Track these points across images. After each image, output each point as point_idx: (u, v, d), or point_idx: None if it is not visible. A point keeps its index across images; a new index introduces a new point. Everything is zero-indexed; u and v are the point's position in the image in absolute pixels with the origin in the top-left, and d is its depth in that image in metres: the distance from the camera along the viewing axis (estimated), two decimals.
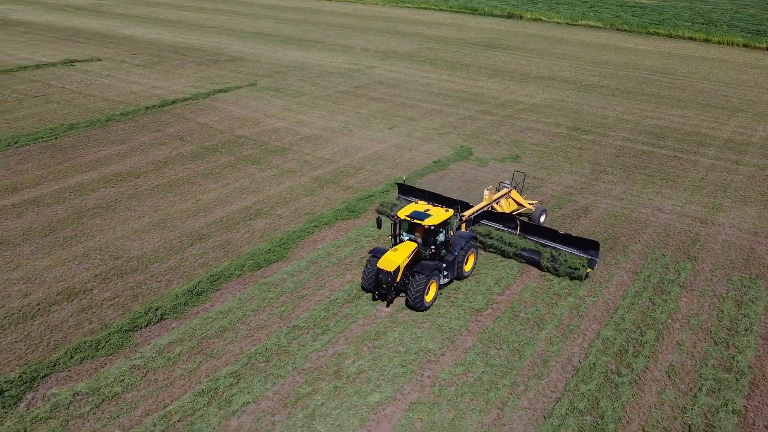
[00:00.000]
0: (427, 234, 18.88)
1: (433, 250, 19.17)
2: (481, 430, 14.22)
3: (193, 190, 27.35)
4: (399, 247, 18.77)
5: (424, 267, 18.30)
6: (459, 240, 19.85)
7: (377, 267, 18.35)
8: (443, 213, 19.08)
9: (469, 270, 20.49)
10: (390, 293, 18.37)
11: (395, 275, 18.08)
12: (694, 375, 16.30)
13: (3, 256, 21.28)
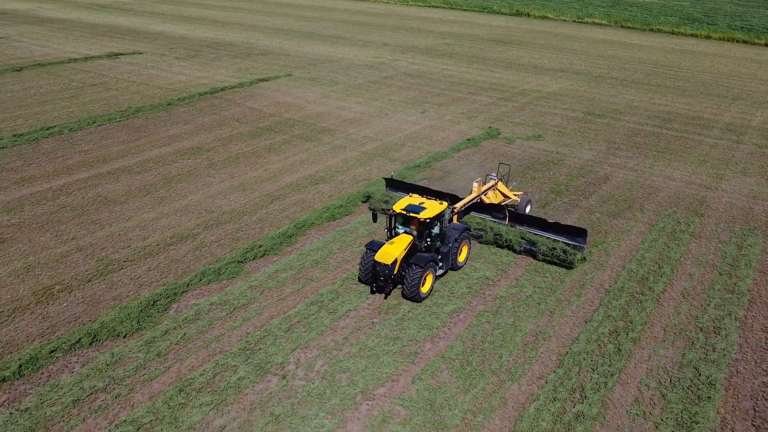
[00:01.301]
0: (422, 227, 19.14)
1: (428, 242, 19.39)
2: (536, 329, 18.08)
3: (259, 161, 31.16)
4: (395, 240, 19.07)
5: (420, 259, 18.58)
6: (452, 232, 20.32)
7: (374, 260, 18.63)
8: (437, 206, 19.37)
9: (463, 261, 20.93)
10: (387, 285, 18.75)
11: (392, 268, 18.39)
12: (703, 295, 20.17)
13: (114, 210, 25.12)
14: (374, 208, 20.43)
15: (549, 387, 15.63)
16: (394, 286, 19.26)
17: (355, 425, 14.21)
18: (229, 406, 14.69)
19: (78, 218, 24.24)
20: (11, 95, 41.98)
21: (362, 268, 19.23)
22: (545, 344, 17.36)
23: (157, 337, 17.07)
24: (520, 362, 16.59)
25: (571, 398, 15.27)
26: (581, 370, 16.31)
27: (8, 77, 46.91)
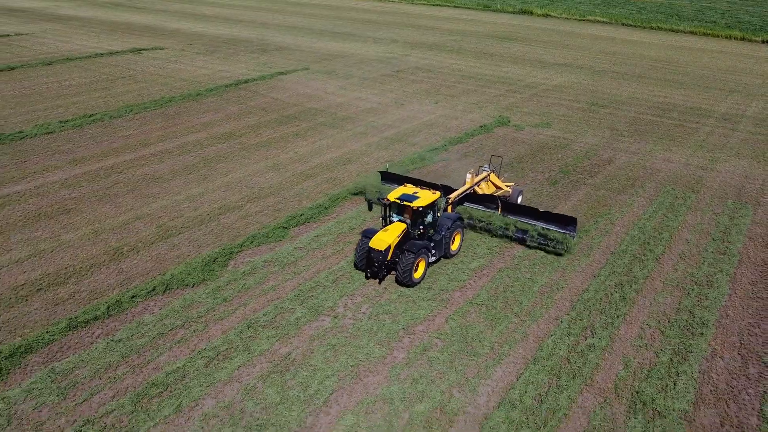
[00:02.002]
0: (415, 215, 19.85)
1: (422, 230, 20.12)
2: (551, 282, 20.63)
3: (288, 145, 33.70)
4: (389, 228, 19.73)
5: (413, 246, 19.24)
6: (445, 221, 20.92)
7: (369, 246, 19.29)
8: (431, 195, 20.10)
9: (456, 249, 21.58)
10: (381, 271, 19.39)
11: (386, 254, 19.08)
12: (698, 256, 22.72)
13: (162, 186, 27.67)
14: (370, 198, 21.25)
15: (563, 325, 18.18)
16: (388, 272, 19.86)
17: (400, 353, 16.77)
18: (291, 338, 17.24)
19: (131, 193, 26.79)
20: (47, 87, 44.50)
21: (357, 255, 19.92)
22: (559, 293, 19.92)
23: (221, 287, 19.62)
24: (538, 307, 19.15)
25: (583, 334, 17.83)
26: (591, 313, 18.87)
27: (40, 70, 49.42)
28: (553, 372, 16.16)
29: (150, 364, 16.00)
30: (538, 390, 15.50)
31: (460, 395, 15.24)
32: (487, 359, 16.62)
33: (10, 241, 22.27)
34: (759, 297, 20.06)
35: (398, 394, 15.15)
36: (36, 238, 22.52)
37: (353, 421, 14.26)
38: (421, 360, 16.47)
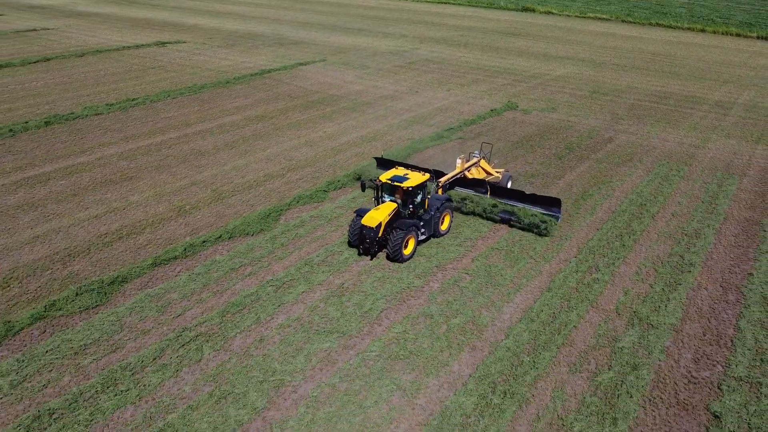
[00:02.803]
0: (405, 195, 20.78)
1: (411, 209, 21.02)
2: (561, 234, 23.82)
3: (316, 126, 36.89)
4: (380, 207, 20.79)
5: (403, 224, 20.33)
6: (435, 202, 21.98)
7: (361, 224, 20.42)
8: (420, 176, 21.10)
9: (445, 229, 22.66)
10: (373, 247, 20.49)
11: (377, 230, 20.19)
12: (688, 215, 25.93)
13: (210, 158, 30.85)
14: (363, 180, 23.23)
15: (572, 265, 21.41)
16: (380, 249, 20.94)
17: (435, 283, 19.99)
18: (343, 272, 20.45)
19: (183, 164, 30.00)
20: (85, 75, 47.68)
21: (351, 232, 20.94)
22: (567, 242, 23.14)
23: (277, 235, 22.84)
24: (550, 251, 22.37)
25: (589, 271, 21.05)
26: (595, 256, 22.10)
27: (74, 61, 52.61)
28: (564, 298, 19.38)
29: (228, 291, 19.22)
30: (552, 310, 18.72)
31: (487, 313, 18.47)
32: (509, 288, 19.84)
33: (86, 201, 25.48)
34: (740, 246, 23.29)
35: (437, 312, 18.37)
36: (107, 199, 25.72)
37: (402, 329, 17.48)
38: (454, 289, 19.69)
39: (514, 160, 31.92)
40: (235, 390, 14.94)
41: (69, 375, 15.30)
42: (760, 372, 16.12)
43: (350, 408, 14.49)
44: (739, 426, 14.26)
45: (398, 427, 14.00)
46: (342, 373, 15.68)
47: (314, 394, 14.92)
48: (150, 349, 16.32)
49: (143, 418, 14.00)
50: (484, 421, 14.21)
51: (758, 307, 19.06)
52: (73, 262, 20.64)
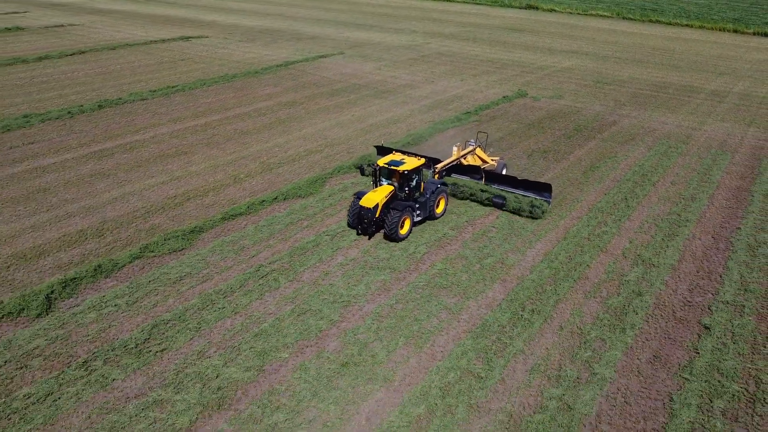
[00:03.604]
0: (402, 178, 21.97)
1: (407, 191, 22.12)
2: (572, 197, 27.12)
3: (344, 111, 40.16)
4: (378, 189, 21.97)
5: (399, 205, 21.50)
6: (430, 185, 23.16)
7: (359, 205, 21.56)
8: (416, 161, 22.30)
9: (441, 212, 23.85)
10: (371, 227, 21.66)
11: (374, 211, 21.32)
12: (685, 183, 29.17)
13: (252, 137, 34.11)
14: (361, 165, 24.58)
15: (583, 221, 24.70)
16: (377, 229, 22.19)
17: (468, 234, 23.27)
18: None
19: (229, 141, 33.28)
20: (121, 67, 50.95)
21: (350, 214, 22.16)
22: (579, 203, 26.44)
23: (325, 197, 26.12)
24: (564, 211, 25.65)
25: (598, 225, 24.35)
26: (604, 214, 25.39)
27: (107, 54, 55.88)
28: (578, 245, 22.69)
29: (291, 239, 22.51)
30: (569, 253, 22.03)
31: (513, 256, 21.78)
32: (530, 238, 23.15)
33: (150, 171, 28.77)
34: (730, 207, 26.61)
35: (470, 254, 21.68)
36: (169, 169, 29.02)
37: (443, 267, 20.78)
38: (483, 238, 22.99)
39: (528, 139, 35.22)
40: (311, 308, 18.24)
41: (173, 298, 18.60)
42: (743, 298, 19.43)
43: (407, 321, 17.79)
44: (724, 333, 17.57)
45: (448, 333, 17.30)
46: (397, 297, 18.98)
47: (377, 311, 18.21)
48: (235, 279, 19.61)
49: (241, 326, 17.30)
50: (517, 330, 17.51)
51: (744, 253, 22.37)
52: (152, 217, 23.93)
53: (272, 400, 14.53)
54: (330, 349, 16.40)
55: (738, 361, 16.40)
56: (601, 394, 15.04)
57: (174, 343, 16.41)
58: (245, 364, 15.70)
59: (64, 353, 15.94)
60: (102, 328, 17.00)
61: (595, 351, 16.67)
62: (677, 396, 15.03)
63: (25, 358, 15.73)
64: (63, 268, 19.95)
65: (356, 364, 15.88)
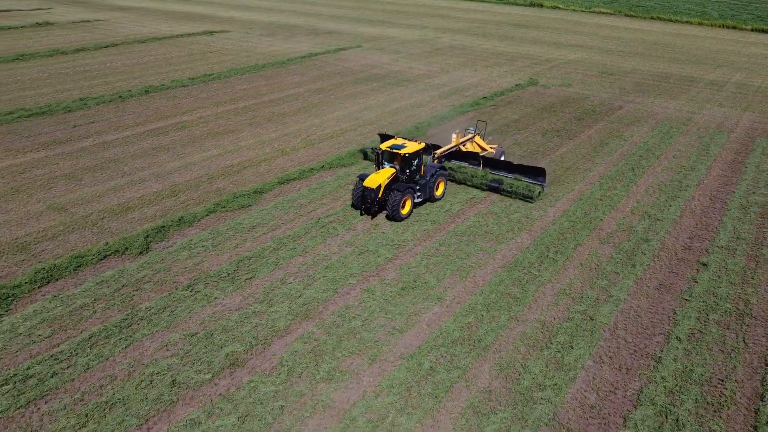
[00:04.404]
0: (403, 161, 23.18)
1: (408, 174, 23.33)
2: (584, 167, 30.40)
3: (369, 97, 43.40)
4: (381, 172, 23.14)
5: (400, 186, 22.66)
6: (430, 169, 24.34)
7: (363, 185, 22.66)
8: (416, 145, 23.43)
9: (440, 194, 25.03)
10: (374, 206, 22.73)
11: (377, 191, 22.49)
12: (686, 157, 32.46)
13: (290, 119, 37.35)
14: (365, 149, 25.84)
15: (595, 186, 27.97)
16: (380, 209, 23.40)
17: (494, 196, 26.52)
18: None
19: (270, 122, 36.54)
20: (154, 58, 54.20)
21: (354, 195, 23.26)
22: (591, 172, 29.70)
23: (366, 166, 29.35)
24: (578, 178, 28.93)
25: (609, 189, 27.61)
26: (613, 181, 28.68)
27: (138, 47, 59.12)
28: (591, 204, 25.97)
29: (341, 198, 25.73)
30: (584, 210, 25.31)
31: (536, 212, 25.05)
32: (550, 199, 26.40)
33: (204, 145, 32.04)
34: (726, 176, 29.89)
35: (499, 211, 24.92)
36: (221, 144, 32.29)
37: (476, 220, 24.04)
38: (509, 199, 26.27)
39: (541, 120, 38.50)
40: (369, 248, 21.52)
41: (249, 242, 21.88)
42: (736, 244, 22.72)
43: (451, 258, 21.06)
44: (719, 269, 20.85)
45: (486, 267, 20.58)
46: (440, 241, 22.26)
47: (424, 251, 21.49)
48: (300, 228, 22.89)
49: (312, 262, 20.57)
50: (544, 266, 20.79)
51: (737, 210, 25.67)
52: (215, 182, 27.21)
53: (348, 313, 17.80)
54: (389, 278, 19.68)
55: (730, 288, 19.69)
56: (617, 310, 18.32)
57: (259, 273, 19.68)
58: (321, 288, 18.98)
59: (168, 280, 19.21)
60: (195, 262, 20.29)
61: (610, 281, 19.96)
62: (679, 311, 18.31)
63: (138, 283, 19.00)
64: (150, 220, 23.23)
65: (413, 288, 19.16)
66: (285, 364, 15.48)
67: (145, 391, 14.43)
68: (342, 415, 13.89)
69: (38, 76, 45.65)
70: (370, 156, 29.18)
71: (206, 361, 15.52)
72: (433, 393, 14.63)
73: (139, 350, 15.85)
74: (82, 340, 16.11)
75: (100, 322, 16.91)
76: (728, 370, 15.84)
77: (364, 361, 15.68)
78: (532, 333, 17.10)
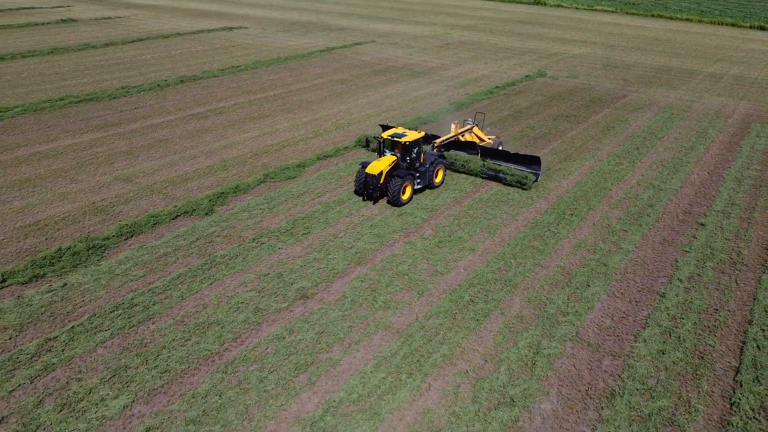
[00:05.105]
0: (404, 149, 24.19)
1: (408, 161, 24.36)
2: (593, 147, 33.29)
3: (388, 87, 46.27)
4: (382, 159, 24.26)
5: (401, 172, 23.81)
6: (429, 157, 25.46)
7: (365, 172, 23.71)
8: (416, 134, 24.54)
9: (439, 182, 26.17)
10: (375, 192, 23.75)
11: (379, 178, 23.57)
12: (686, 139, 35.37)
13: (317, 105, 40.21)
14: (367, 137, 26.91)
15: (604, 162, 30.86)
16: (381, 195, 24.55)
17: None
18: None
19: (300, 108, 39.42)
20: (180, 52, 57.07)
21: (357, 182, 24.34)
22: (599, 151, 32.59)
23: None
24: (588, 156, 31.81)
25: (616, 165, 30.48)
26: (620, 159, 31.56)
27: (163, 42, 61.96)
28: (601, 177, 28.83)
29: None
30: (595, 181, 28.18)
31: (551, 183, 27.88)
32: (564, 173, 29.29)
33: (244, 128, 34.90)
34: (722, 154, 32.77)
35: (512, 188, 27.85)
36: (259, 127, 35.15)
37: (498, 189, 26.90)
38: None
39: (551, 107, 41.39)
40: (406, 211, 24.36)
41: (300, 206, 24.74)
42: (730, 208, 25.60)
43: (479, 219, 23.92)
44: (715, 228, 23.72)
45: (510, 226, 23.44)
46: (468, 206, 25.11)
47: (455, 214, 24.34)
48: (343, 195, 25.73)
49: (358, 221, 23.39)
50: (561, 225, 23.67)
51: (732, 182, 28.57)
52: (260, 158, 30.09)
53: (395, 260, 20.69)
54: (427, 234, 22.57)
55: (725, 243, 22.59)
56: (626, 259, 21.21)
57: (313, 230, 22.56)
58: (369, 241, 21.86)
59: (235, 235, 22.10)
60: (256, 221, 23.18)
61: (620, 236, 22.86)
62: (680, 260, 21.20)
63: (210, 236, 21.88)
64: (208, 188, 26.11)
65: (448, 242, 22.05)
66: (347, 296, 18.36)
67: (234, 315, 17.30)
68: (401, 332, 16.77)
69: (75, 68, 48.49)
70: (372, 146, 30.08)
71: (281, 294, 18.40)
72: (475, 317, 17.51)
73: (221, 286, 18.73)
74: (172, 279, 18.99)
75: (183, 266, 19.79)
76: (722, 302, 18.73)
77: (414, 295, 18.56)
78: (554, 275, 19.98)
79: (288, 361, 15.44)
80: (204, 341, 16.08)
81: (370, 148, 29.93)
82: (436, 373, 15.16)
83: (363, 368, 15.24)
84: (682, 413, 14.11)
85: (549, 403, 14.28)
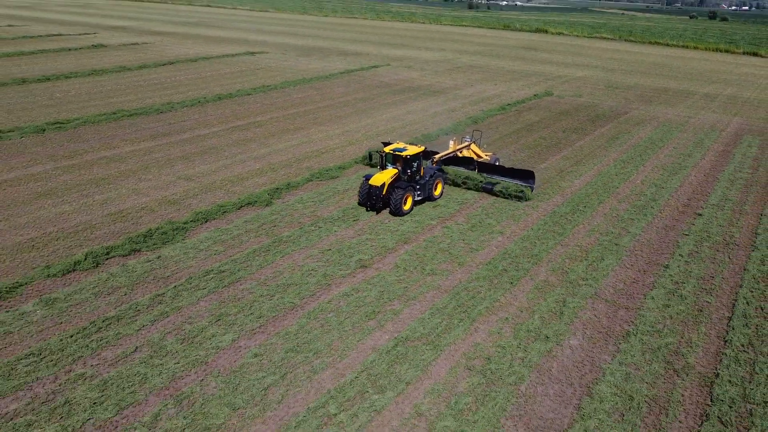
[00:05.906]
0: (405, 162, 25.71)
1: (409, 174, 25.93)
2: (603, 153, 36.97)
3: (408, 104, 50.15)
4: (384, 172, 25.65)
5: (402, 184, 25.26)
6: (429, 170, 27.05)
7: (369, 184, 25.13)
8: (416, 148, 26.09)
9: (438, 194, 27.53)
10: (378, 203, 25.13)
11: (382, 189, 24.95)
12: (683, 148, 39.03)
13: (346, 119, 43.95)
14: (370, 152, 28.97)
15: (611, 166, 34.41)
16: (384, 206, 25.97)
17: None
18: None
19: (330, 122, 43.18)
20: (210, 74, 61.18)
21: (360, 194, 25.80)
22: (605, 158, 36.21)
23: None
24: (596, 160, 35.45)
25: (622, 168, 34.07)
26: (625, 163, 35.15)
27: (191, 65, 66.14)
28: (609, 178, 32.38)
29: None
30: (603, 181, 31.71)
31: (564, 183, 31.46)
32: (576, 174, 32.89)
33: (283, 138, 38.56)
34: (717, 160, 36.35)
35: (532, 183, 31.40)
36: (296, 137, 38.83)
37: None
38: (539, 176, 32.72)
39: (560, 122, 45.17)
40: (440, 204, 27.88)
41: (347, 198, 28.23)
42: (724, 202, 29.07)
43: (505, 210, 27.38)
44: (711, 216, 27.19)
45: (532, 215, 26.92)
46: (494, 200, 28.62)
47: (483, 206, 27.80)
48: None
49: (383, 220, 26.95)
50: (576, 216, 27.13)
51: (726, 182, 32.11)
52: (303, 162, 33.62)
53: (436, 240, 24.09)
54: (460, 221, 26.02)
55: (719, 228, 26.03)
56: (634, 240, 24.62)
57: (361, 218, 25.99)
58: (412, 226, 25.26)
59: (295, 221, 25.53)
60: (311, 211, 26.63)
61: (627, 223, 26.31)
62: (681, 241, 24.62)
63: (273, 222, 25.32)
64: (263, 185, 29.63)
65: (479, 227, 25.48)
66: (399, 266, 21.74)
67: (307, 279, 20.66)
68: (449, 291, 20.12)
69: (116, 87, 52.44)
70: (374, 160, 31.93)
71: (343, 263, 21.78)
72: (509, 281, 20.86)
73: (291, 259, 22.11)
74: (249, 253, 22.39)
75: (256, 243, 23.20)
76: (717, 272, 22.10)
77: (455, 266, 21.94)
78: (573, 252, 23.39)
79: (359, 310, 18.76)
80: (287, 296, 19.41)
81: (372, 162, 31.92)
82: (481, 319, 18.47)
83: (421, 316, 18.54)
84: (685, 347, 17.39)
85: (576, 340, 17.57)
